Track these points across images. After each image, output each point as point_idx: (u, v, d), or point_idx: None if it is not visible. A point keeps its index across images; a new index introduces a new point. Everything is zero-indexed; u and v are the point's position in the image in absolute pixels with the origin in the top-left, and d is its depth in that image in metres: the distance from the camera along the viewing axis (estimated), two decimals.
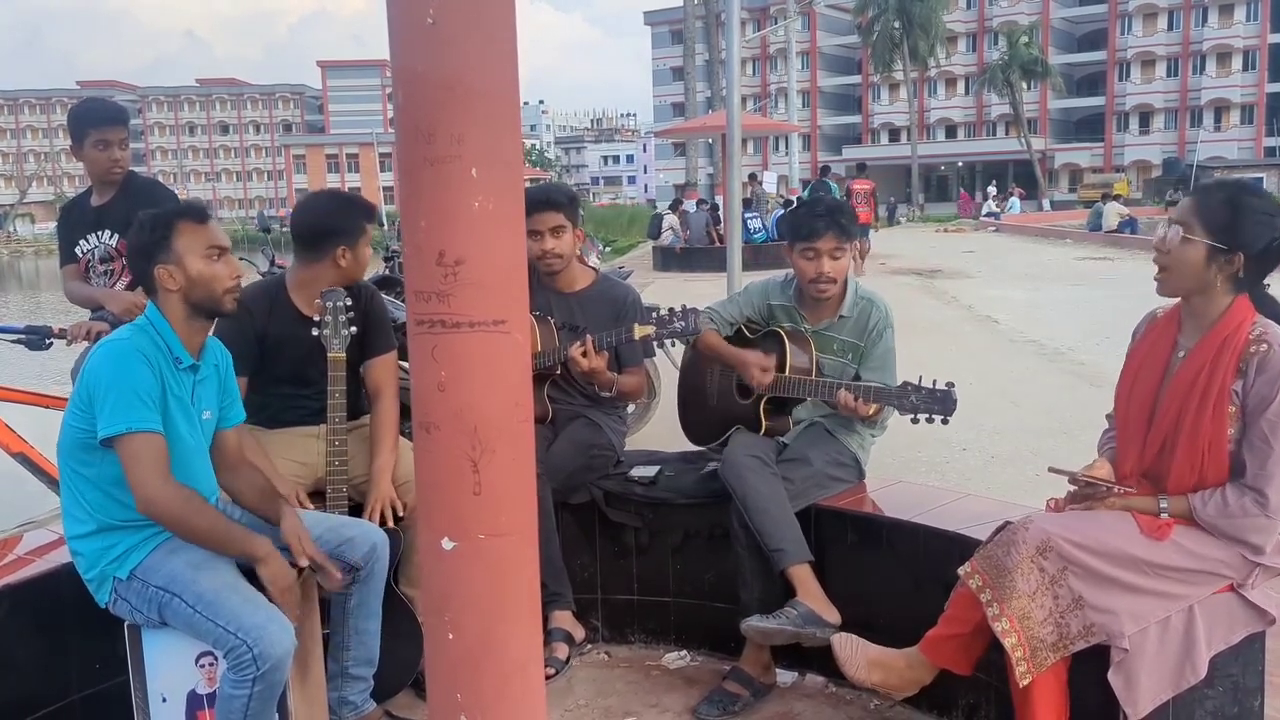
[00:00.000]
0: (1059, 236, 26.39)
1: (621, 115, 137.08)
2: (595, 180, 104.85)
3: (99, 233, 3.83)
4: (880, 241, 21.49)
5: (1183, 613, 2.25)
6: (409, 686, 2.96)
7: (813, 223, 3.13)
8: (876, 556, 3.02)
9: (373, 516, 2.84)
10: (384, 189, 77.64)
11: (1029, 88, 56.52)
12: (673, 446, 3.69)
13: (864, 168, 21.85)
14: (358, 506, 2.92)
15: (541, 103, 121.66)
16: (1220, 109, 64.33)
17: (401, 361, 2.98)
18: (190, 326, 2.44)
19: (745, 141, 21.01)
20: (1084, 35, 69.93)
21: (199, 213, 2.49)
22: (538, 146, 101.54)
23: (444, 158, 1.35)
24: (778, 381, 3.14)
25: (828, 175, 20.42)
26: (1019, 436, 6.22)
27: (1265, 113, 61.54)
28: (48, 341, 4.07)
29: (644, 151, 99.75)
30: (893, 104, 70.83)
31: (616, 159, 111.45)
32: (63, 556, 2.61)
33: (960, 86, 70.57)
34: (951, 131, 71.85)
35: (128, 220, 2.58)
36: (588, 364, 3.13)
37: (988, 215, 34.98)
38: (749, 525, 2.95)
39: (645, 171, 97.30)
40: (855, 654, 2.61)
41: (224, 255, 2.45)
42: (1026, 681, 2.27)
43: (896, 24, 52.04)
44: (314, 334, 2.85)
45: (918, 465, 5.48)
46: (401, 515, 2.90)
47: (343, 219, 3.01)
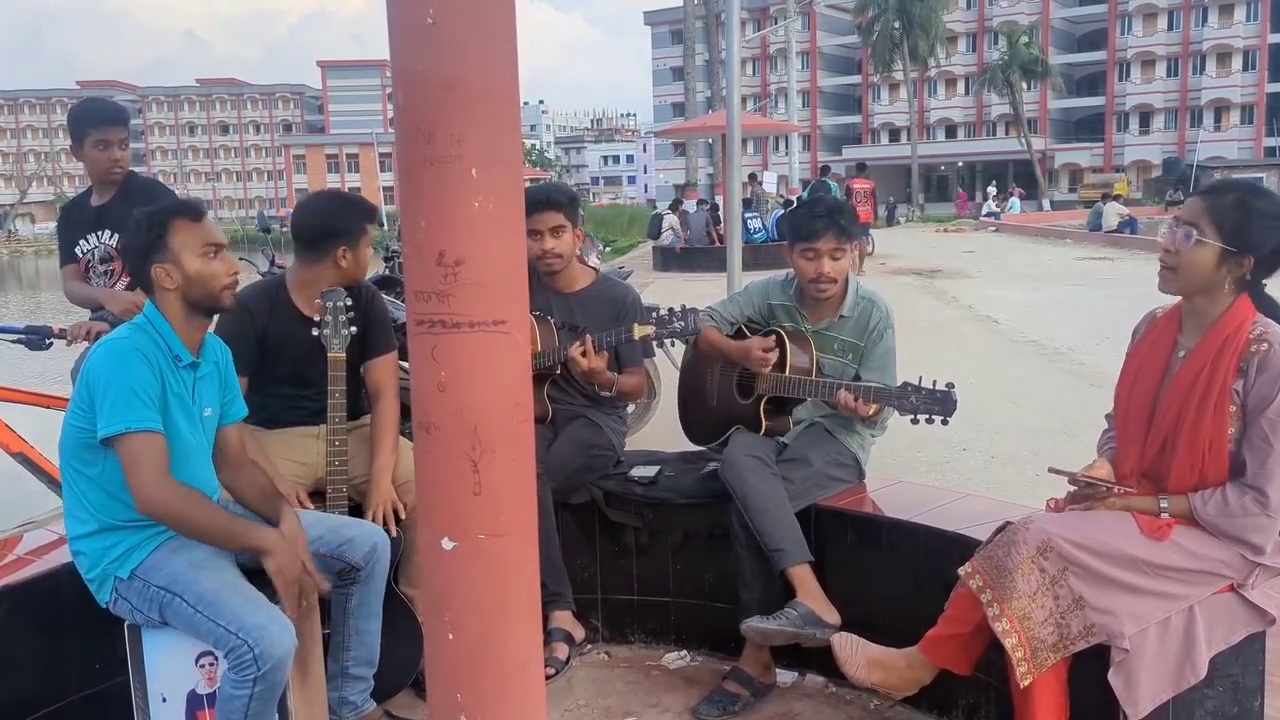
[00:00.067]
0: (1059, 236, 26.39)
1: (621, 115, 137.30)
2: (595, 180, 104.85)
3: (99, 233, 3.83)
4: (880, 241, 21.48)
5: (1183, 613, 2.25)
6: (409, 686, 2.96)
7: (813, 223, 3.13)
8: (876, 556, 3.02)
9: (374, 519, 2.84)
10: (384, 189, 77.71)
11: (1029, 88, 56.52)
12: (673, 446, 3.69)
13: (864, 167, 21.88)
14: (358, 507, 2.92)
15: (541, 103, 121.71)
16: (1220, 109, 64.33)
17: (402, 361, 2.98)
18: (189, 324, 2.44)
19: (745, 141, 21.02)
20: (1084, 35, 69.94)
21: (194, 210, 2.48)
22: (538, 146, 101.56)
23: (444, 158, 1.35)
24: (778, 381, 3.14)
25: (828, 175, 20.44)
26: (1019, 436, 6.22)
27: (1265, 113, 61.55)
28: (48, 341, 4.07)
29: (644, 151, 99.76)
30: (893, 104, 70.83)
31: (616, 159, 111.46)
32: (63, 556, 2.62)
33: (960, 86, 70.57)
34: (951, 131, 71.85)
35: (128, 218, 2.58)
36: (587, 364, 3.13)
37: (988, 215, 34.99)
38: (749, 525, 2.95)
39: (645, 171, 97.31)
40: (855, 654, 2.61)
41: (220, 252, 2.45)
42: (1027, 682, 2.27)
43: (896, 24, 52.02)
44: (314, 334, 2.85)
45: (918, 465, 5.48)
46: (402, 517, 2.90)
47: (343, 219, 3.01)
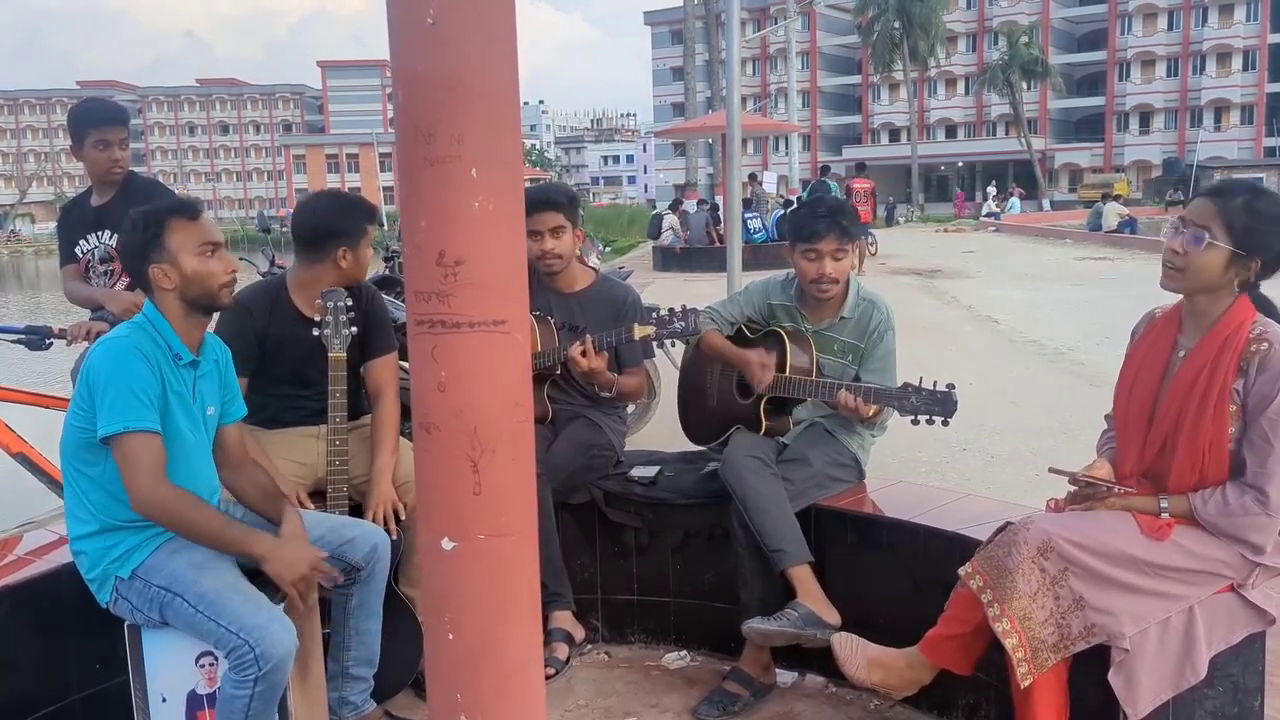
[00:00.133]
0: (1059, 236, 26.40)
1: (621, 115, 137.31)
2: (595, 180, 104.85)
3: (99, 233, 3.83)
4: (880, 241, 21.50)
5: (1183, 613, 2.25)
6: (409, 686, 2.96)
7: (814, 224, 3.12)
8: (876, 557, 3.02)
9: (374, 519, 2.84)
10: (384, 189, 77.74)
11: (1029, 88, 56.51)
12: (673, 446, 3.69)
13: (863, 167, 21.91)
14: (358, 507, 2.92)
15: (541, 103, 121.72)
16: (1220, 109, 64.32)
17: (402, 362, 2.98)
18: (188, 323, 2.44)
19: (745, 141, 21.02)
20: (1084, 35, 69.93)
21: (191, 209, 2.47)
22: (538, 146, 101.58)
23: (444, 158, 1.35)
24: (778, 381, 3.13)
25: (827, 175, 20.44)
26: (1019, 436, 6.22)
27: (1265, 113, 61.53)
28: (48, 341, 4.07)
29: (644, 151, 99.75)
30: (893, 104, 70.81)
31: (616, 159, 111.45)
32: (63, 556, 2.62)
33: (960, 86, 70.55)
34: (951, 131, 71.84)
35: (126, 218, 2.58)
36: (588, 364, 3.13)
37: (988, 215, 35.00)
38: (749, 525, 2.95)
39: (645, 171, 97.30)
40: (855, 654, 2.61)
41: (218, 251, 2.44)
42: (1028, 682, 2.27)
43: (896, 24, 52.00)
44: (315, 334, 2.84)
45: (918, 465, 5.48)
46: (403, 517, 2.90)
47: (344, 220, 3.01)
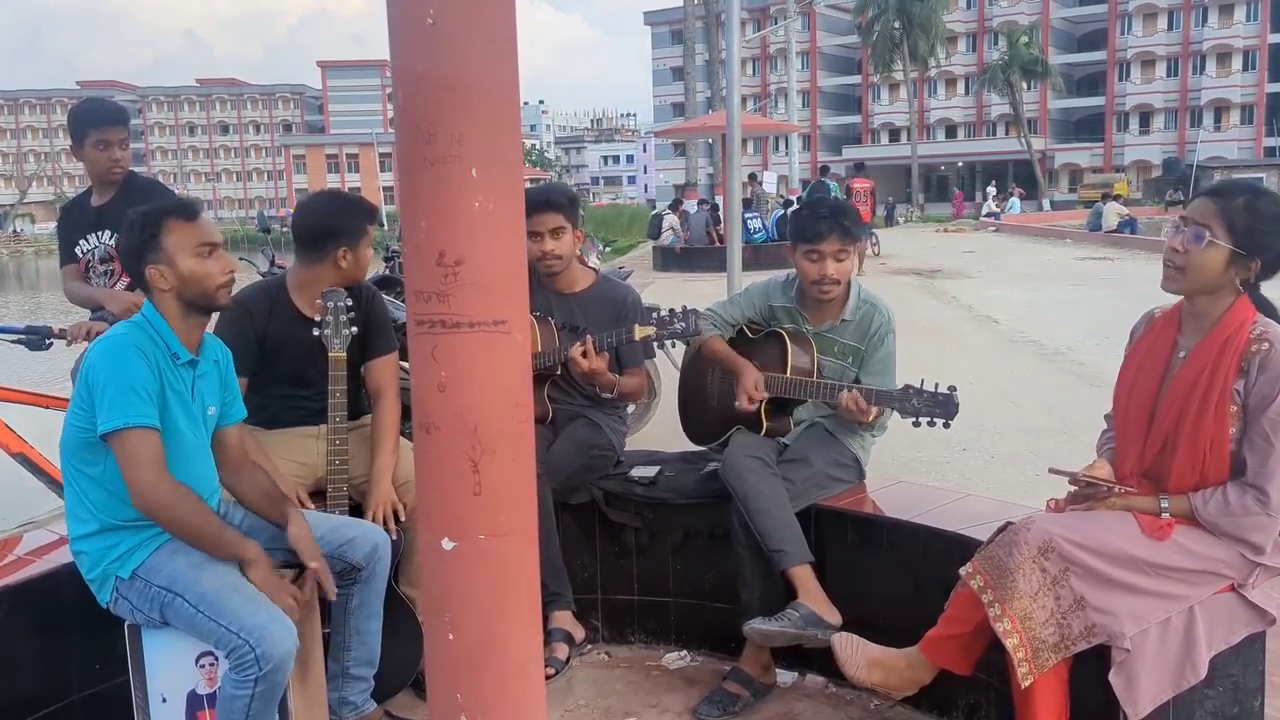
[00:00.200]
0: (1059, 236, 26.40)
1: (621, 115, 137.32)
2: (595, 180, 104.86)
3: (99, 233, 3.83)
4: (881, 241, 21.51)
5: (1183, 613, 2.25)
6: (409, 686, 2.96)
7: (817, 224, 3.12)
8: (877, 557, 3.02)
9: (374, 519, 2.84)
10: (384, 189, 77.73)
11: (1029, 88, 56.49)
12: (673, 446, 3.69)
13: (862, 167, 21.88)
14: (358, 507, 2.92)
15: (541, 103, 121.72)
16: (1220, 109, 64.32)
17: (402, 362, 2.98)
18: (186, 323, 2.43)
19: (745, 141, 21.02)
20: (1084, 35, 69.93)
21: (188, 210, 2.46)
22: (538, 146, 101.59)
23: (444, 158, 1.35)
24: (779, 382, 3.14)
25: (827, 175, 20.44)
26: (1019, 436, 6.22)
27: (1265, 113, 61.52)
28: (48, 341, 4.07)
29: (644, 151, 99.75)
30: (893, 104, 70.81)
31: (616, 159, 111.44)
32: (63, 557, 2.62)
33: (960, 86, 70.54)
34: (951, 131, 71.83)
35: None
36: (588, 365, 3.13)
37: (988, 215, 35.00)
38: (750, 526, 2.95)
39: (645, 171, 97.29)
40: (855, 654, 2.61)
41: (215, 251, 2.43)
42: (1029, 682, 2.27)
43: (896, 24, 51.99)
44: (315, 334, 2.84)
45: (918, 465, 5.48)
46: (402, 518, 2.90)
47: (344, 220, 3.01)
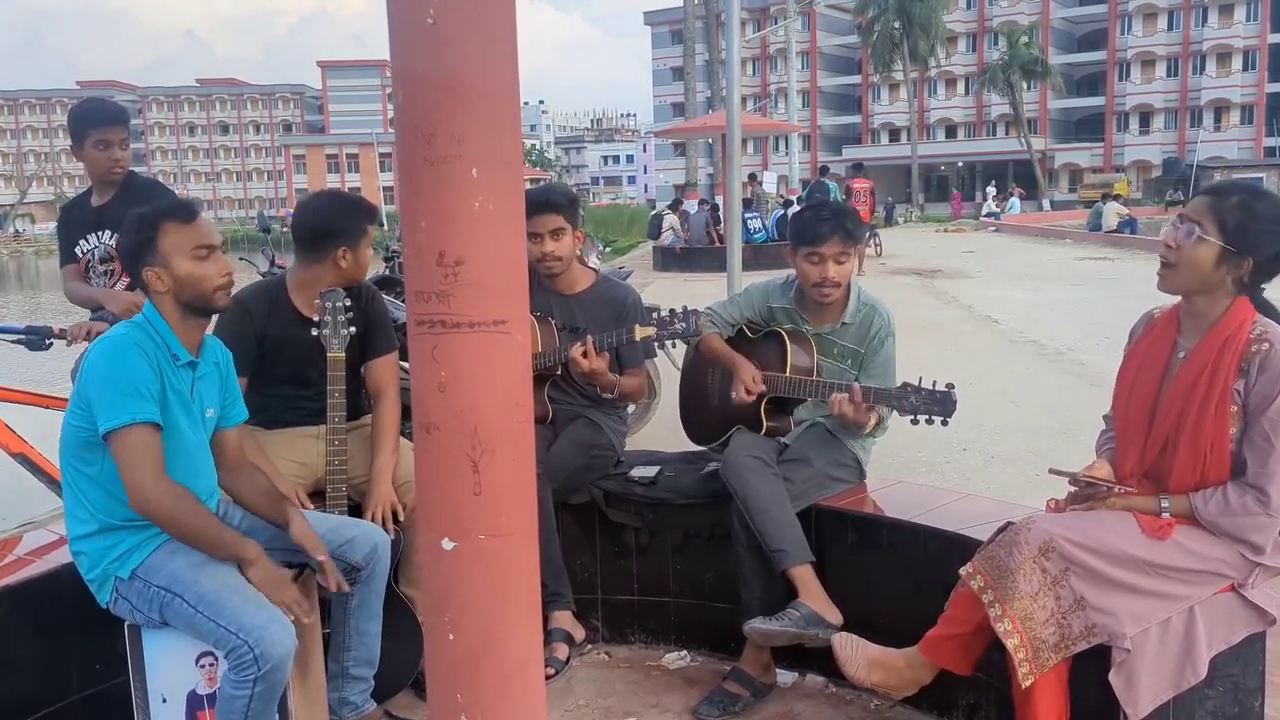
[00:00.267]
0: (1059, 236, 26.40)
1: (621, 115, 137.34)
2: (595, 180, 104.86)
3: (99, 233, 3.83)
4: (882, 241, 21.51)
5: (1183, 613, 2.25)
6: (409, 686, 2.96)
7: (818, 226, 3.11)
8: (877, 557, 3.02)
9: (373, 519, 2.84)
10: (384, 189, 77.73)
11: (1029, 88, 56.48)
12: (673, 446, 3.69)
13: (861, 167, 21.86)
14: (357, 507, 2.92)
15: (541, 103, 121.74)
16: (1220, 109, 64.31)
17: (402, 362, 2.98)
18: (186, 325, 2.43)
19: (745, 141, 21.01)
20: (1084, 35, 69.92)
21: (185, 212, 2.45)
22: (538, 146, 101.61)
23: (444, 158, 1.35)
24: (778, 381, 3.14)
25: (827, 175, 20.43)
26: (1019, 436, 6.22)
27: (1265, 113, 61.52)
28: (48, 341, 4.07)
29: (644, 151, 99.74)
30: (893, 104, 70.79)
31: (616, 159, 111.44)
32: (63, 557, 2.62)
33: (960, 86, 70.54)
34: (951, 131, 71.82)
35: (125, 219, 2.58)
36: (589, 365, 3.13)
37: (988, 215, 35.00)
38: (750, 525, 2.95)
39: (645, 171, 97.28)
40: (855, 654, 2.61)
41: (212, 253, 2.42)
42: (1029, 682, 2.27)
43: (896, 24, 51.98)
44: (314, 334, 2.84)
45: (918, 465, 5.48)
46: (401, 518, 2.90)
47: (344, 220, 3.01)
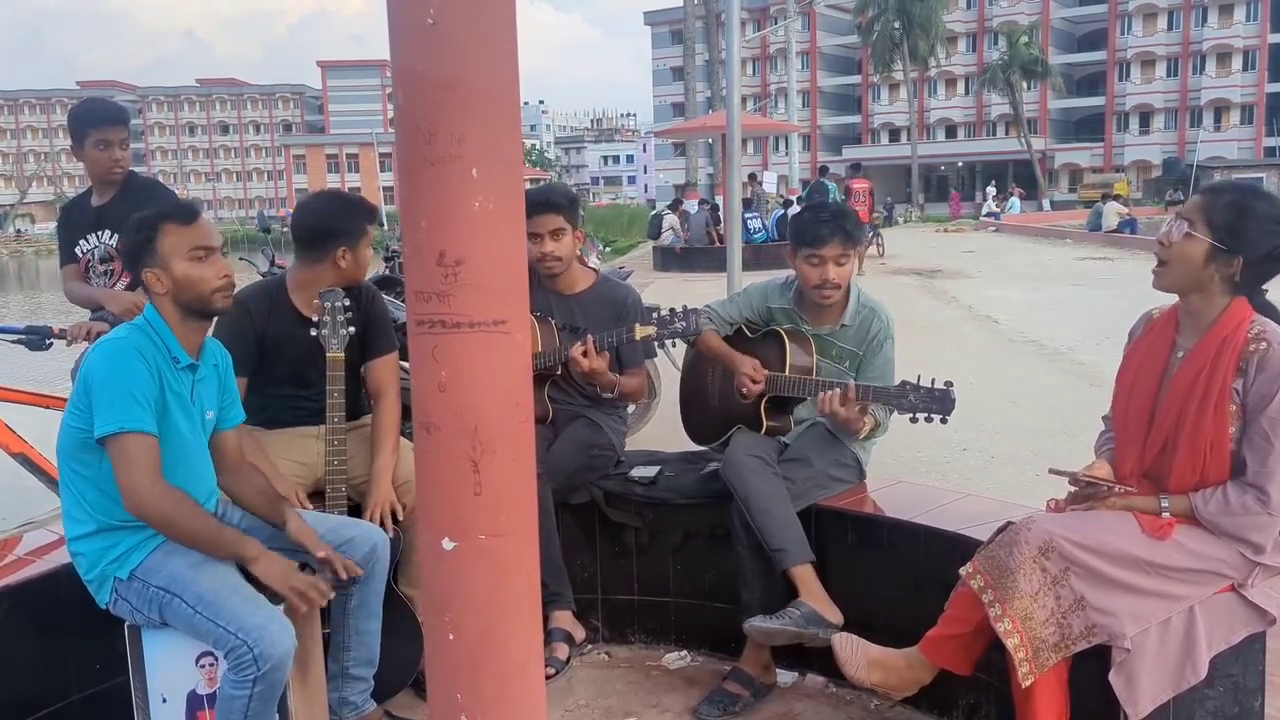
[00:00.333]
0: (1059, 236, 26.40)
1: (621, 115, 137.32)
2: (595, 180, 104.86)
3: (99, 233, 3.83)
4: (884, 241, 21.49)
5: (1183, 613, 2.25)
6: (409, 686, 2.96)
7: (818, 228, 3.11)
8: (877, 556, 3.02)
9: (372, 519, 2.84)
10: (384, 189, 77.70)
11: (1029, 88, 56.47)
12: (673, 446, 3.69)
13: (859, 167, 21.84)
14: (357, 507, 2.92)
15: (541, 103, 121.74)
16: (1220, 109, 64.30)
17: (403, 362, 2.98)
18: (186, 327, 2.43)
19: (745, 141, 21.01)
20: (1084, 35, 69.91)
21: (185, 213, 2.45)
22: (538, 146, 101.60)
23: (444, 158, 1.35)
24: (778, 380, 3.14)
25: (826, 175, 20.42)
26: (1019, 436, 6.22)
27: (1265, 113, 61.51)
28: (48, 342, 4.07)
29: (644, 151, 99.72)
30: (893, 104, 70.78)
31: (616, 159, 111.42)
32: (63, 557, 2.61)
33: (960, 86, 70.53)
34: (951, 131, 71.80)
35: (128, 220, 2.57)
36: (589, 364, 3.13)
37: (988, 215, 34.99)
38: (751, 525, 2.95)
39: (645, 171, 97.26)
40: (855, 654, 2.61)
41: (211, 255, 2.41)
42: (1029, 682, 2.27)
43: (896, 24, 51.97)
44: (313, 334, 2.84)
45: (918, 465, 5.48)
46: (400, 518, 2.90)
47: (343, 220, 3.01)
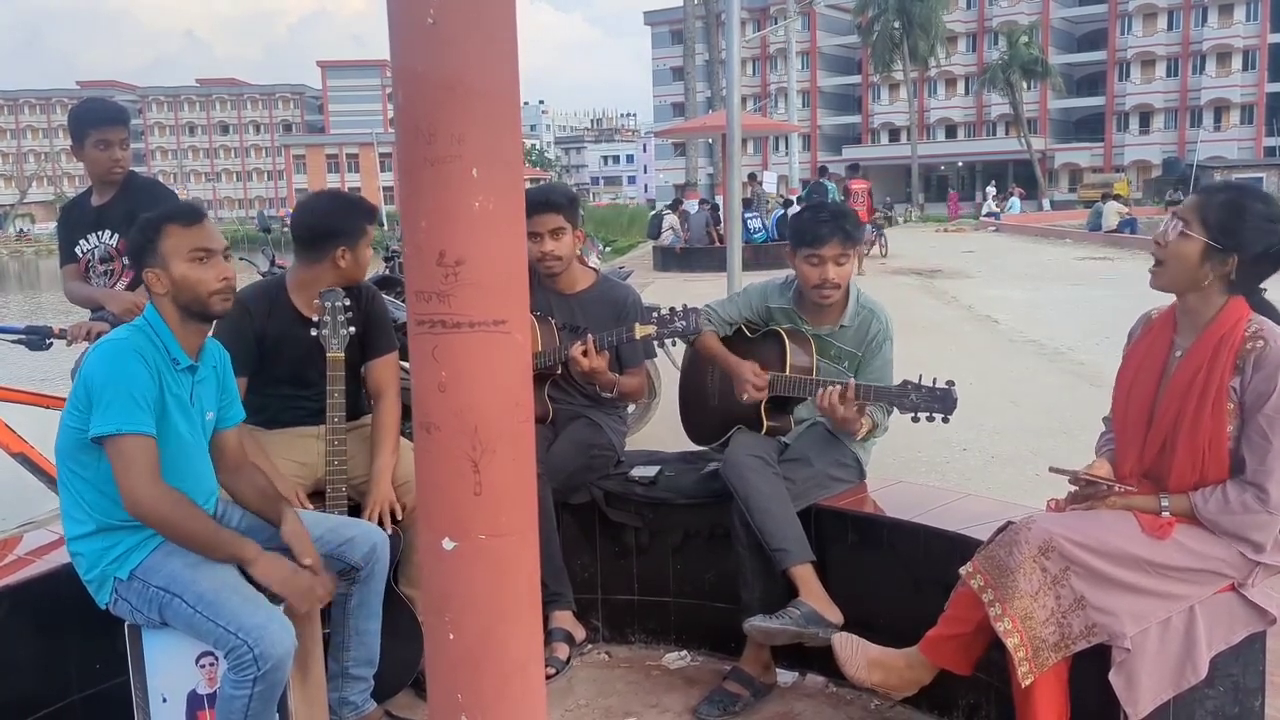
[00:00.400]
0: (1059, 236, 26.40)
1: (621, 115, 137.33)
2: (595, 180, 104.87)
3: (99, 233, 3.83)
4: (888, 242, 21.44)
5: (1183, 613, 2.25)
6: (409, 686, 2.96)
7: (818, 228, 3.11)
8: (877, 556, 3.02)
9: (372, 519, 2.84)
10: (384, 189, 77.66)
11: (1029, 88, 56.49)
12: (673, 446, 3.69)
13: (857, 168, 21.87)
14: (357, 507, 2.92)
15: (541, 103, 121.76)
16: (1220, 109, 64.29)
17: (403, 362, 2.98)
18: (186, 329, 2.43)
19: (745, 141, 20.99)
20: (1084, 35, 69.90)
21: (188, 215, 2.45)
22: (538, 146, 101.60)
23: (444, 158, 1.35)
24: (778, 380, 3.14)
25: (826, 176, 20.42)
26: (1019, 436, 6.22)
27: (1265, 113, 61.50)
28: (48, 341, 4.08)
29: (644, 151, 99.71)
30: (893, 104, 70.77)
31: (616, 159, 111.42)
32: (63, 557, 2.61)
33: (960, 86, 70.53)
34: (951, 131, 71.80)
35: (128, 220, 2.58)
36: (589, 364, 3.13)
37: (988, 215, 34.99)
38: (751, 525, 2.95)
39: (645, 171, 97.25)
40: (855, 654, 2.61)
41: (211, 257, 2.41)
42: (1029, 682, 2.27)
43: (896, 24, 51.98)
44: (313, 334, 2.84)
45: (918, 465, 5.48)
46: (399, 518, 2.90)
47: (343, 220, 3.00)
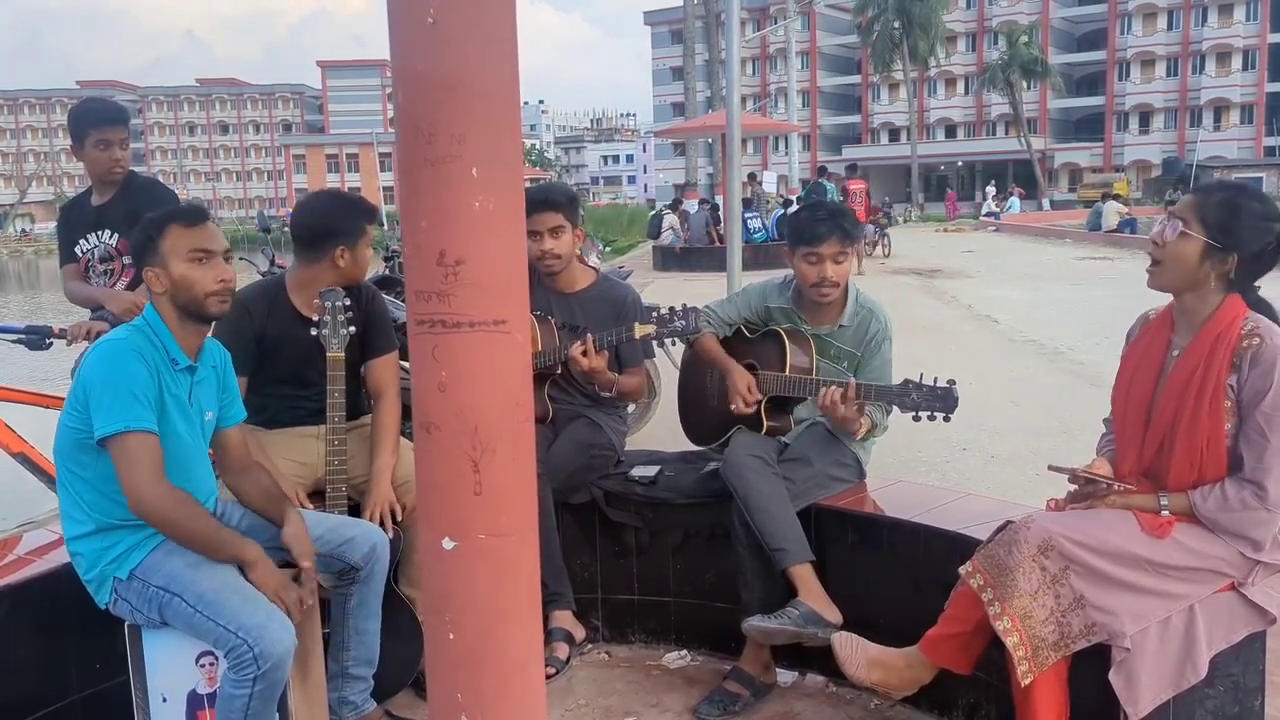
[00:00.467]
0: (1059, 236, 26.41)
1: (621, 115, 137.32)
2: (595, 180, 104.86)
3: (99, 232, 3.83)
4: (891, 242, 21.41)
5: (1183, 612, 2.25)
6: (409, 686, 2.96)
7: (816, 226, 3.12)
8: (877, 556, 3.02)
9: (372, 519, 2.84)
10: (384, 189, 77.65)
11: (1029, 88, 56.48)
12: (673, 446, 3.69)
13: (855, 168, 21.84)
14: (357, 507, 2.92)
15: (541, 103, 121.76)
16: (1220, 109, 64.28)
17: (403, 362, 2.98)
18: (185, 329, 2.43)
19: (745, 141, 21.01)
20: (1084, 35, 69.89)
21: (190, 215, 2.46)
22: (538, 146, 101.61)
23: (444, 158, 1.35)
24: (778, 380, 3.14)
25: (825, 176, 20.41)
26: (1019, 436, 6.22)
27: (1265, 112, 61.50)
28: (48, 341, 4.07)
29: (644, 151, 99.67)
30: (893, 104, 70.76)
31: (616, 159, 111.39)
32: (63, 557, 2.61)
33: (960, 86, 70.52)
34: (951, 131, 71.79)
35: (128, 220, 2.58)
36: (588, 363, 3.13)
37: (987, 215, 35.00)
38: (750, 525, 2.95)
39: (645, 171, 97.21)
40: (855, 653, 2.61)
41: (211, 259, 2.41)
42: (1029, 681, 2.27)
43: (896, 24, 52.01)
44: (313, 334, 2.84)
45: (918, 465, 5.49)
46: (399, 518, 2.90)
47: (342, 219, 3.00)
